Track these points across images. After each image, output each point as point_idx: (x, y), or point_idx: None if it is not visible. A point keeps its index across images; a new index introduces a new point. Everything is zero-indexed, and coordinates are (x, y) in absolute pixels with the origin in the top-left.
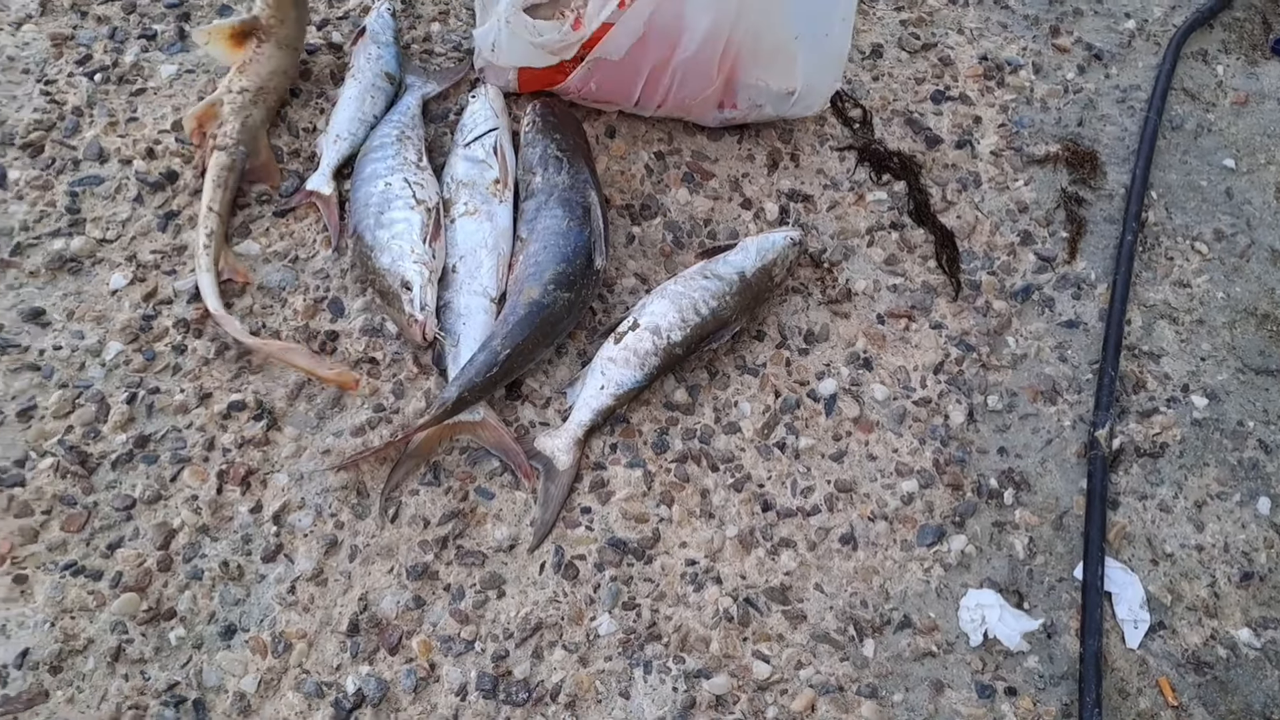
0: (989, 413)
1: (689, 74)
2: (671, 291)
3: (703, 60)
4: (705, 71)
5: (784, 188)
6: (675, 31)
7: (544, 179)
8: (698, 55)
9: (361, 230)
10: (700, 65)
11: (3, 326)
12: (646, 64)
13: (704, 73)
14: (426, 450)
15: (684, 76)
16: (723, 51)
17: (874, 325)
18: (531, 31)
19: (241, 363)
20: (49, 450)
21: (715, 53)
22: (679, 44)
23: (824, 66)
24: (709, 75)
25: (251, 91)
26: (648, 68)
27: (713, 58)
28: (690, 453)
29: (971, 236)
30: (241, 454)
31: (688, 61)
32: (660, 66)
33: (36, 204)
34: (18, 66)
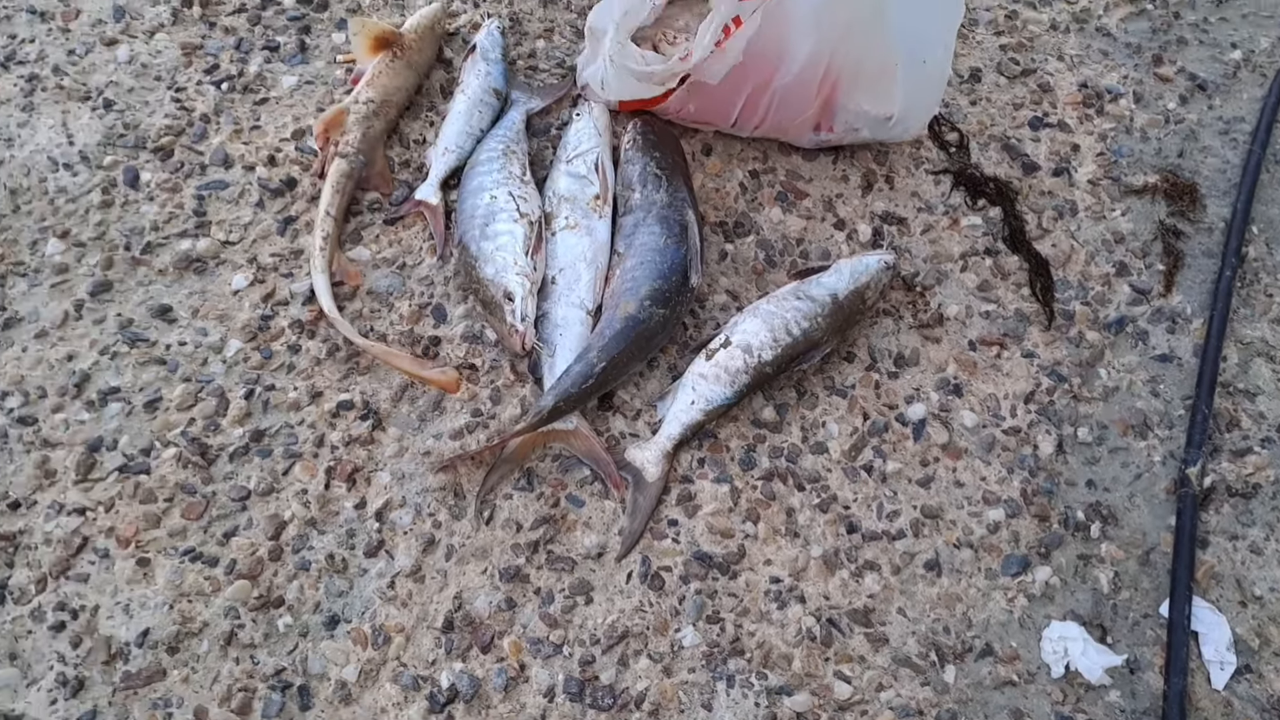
0: (1078, 445)
1: (787, 98)
2: (764, 311)
3: (802, 84)
4: (804, 95)
5: (878, 209)
6: (775, 56)
7: (643, 196)
8: (797, 80)
9: (467, 241)
10: (799, 89)
11: (133, 321)
12: (745, 88)
13: (803, 96)
14: (521, 456)
15: (782, 100)
16: (823, 76)
17: (965, 351)
18: (639, 61)
19: (350, 363)
20: (172, 441)
21: (815, 77)
22: (779, 69)
23: (923, 92)
24: (807, 99)
25: (376, 103)
26: (746, 91)
27: (812, 82)
28: (777, 471)
29: (1066, 265)
30: (348, 451)
31: (787, 86)
32: (759, 90)
33: (166, 205)
34: (151, 73)
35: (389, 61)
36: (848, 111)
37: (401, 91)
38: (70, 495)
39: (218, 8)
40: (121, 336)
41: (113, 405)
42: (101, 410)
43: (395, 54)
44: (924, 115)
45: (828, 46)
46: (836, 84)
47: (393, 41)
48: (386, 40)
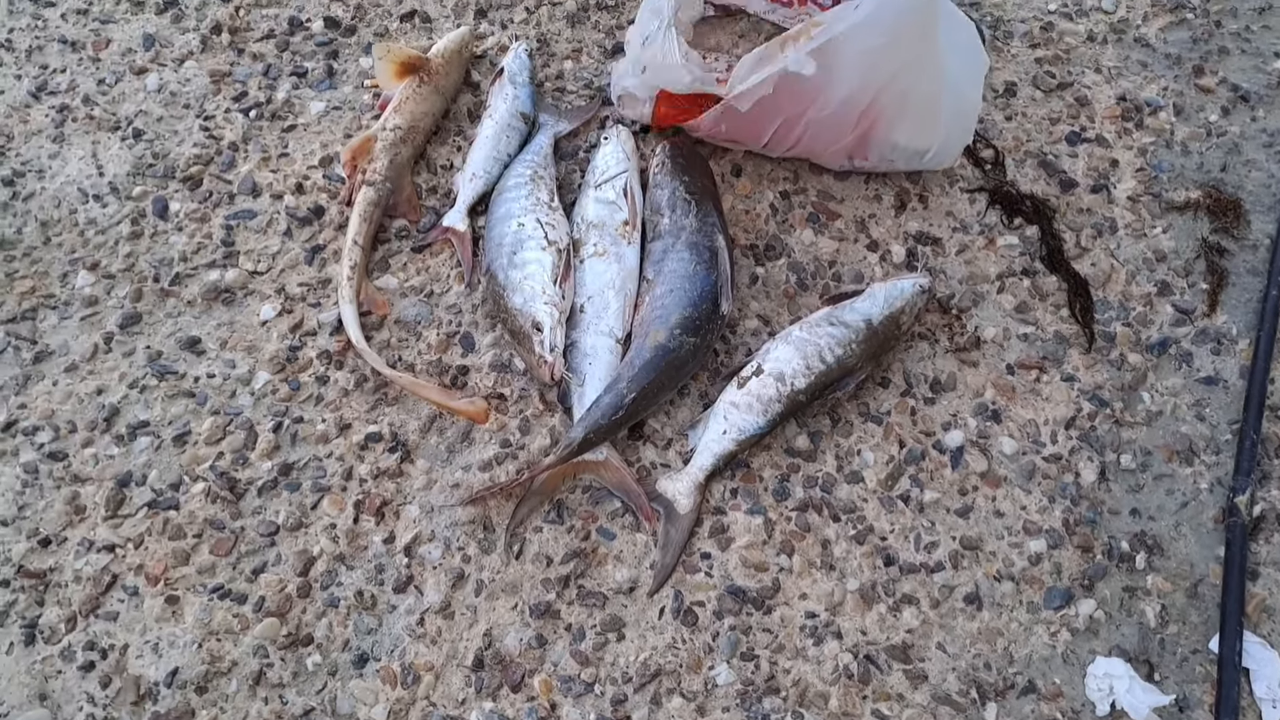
0: (1122, 472)
1: (822, 129)
2: (796, 338)
3: (839, 119)
4: (840, 128)
5: (911, 230)
6: (813, 91)
7: (672, 221)
8: (834, 114)
9: (495, 269)
10: (836, 122)
11: (162, 354)
12: (778, 117)
13: (838, 129)
14: (551, 488)
15: (816, 132)
16: (862, 112)
17: (1003, 375)
18: (680, 53)
19: (379, 394)
20: (201, 475)
21: (854, 112)
22: (815, 102)
23: (959, 123)
24: (843, 131)
25: (403, 129)
26: (779, 120)
27: (850, 116)
28: (811, 501)
29: (1106, 285)
30: (377, 485)
31: (822, 119)
32: (792, 119)
33: (195, 235)
34: (179, 101)
35: (416, 87)
36: (885, 145)
37: (429, 117)
38: (100, 531)
39: (246, 34)
40: (150, 369)
41: (142, 439)
42: (131, 444)
43: (422, 79)
44: (958, 146)
45: (873, 87)
46: (877, 120)
47: (419, 67)
48: (413, 65)
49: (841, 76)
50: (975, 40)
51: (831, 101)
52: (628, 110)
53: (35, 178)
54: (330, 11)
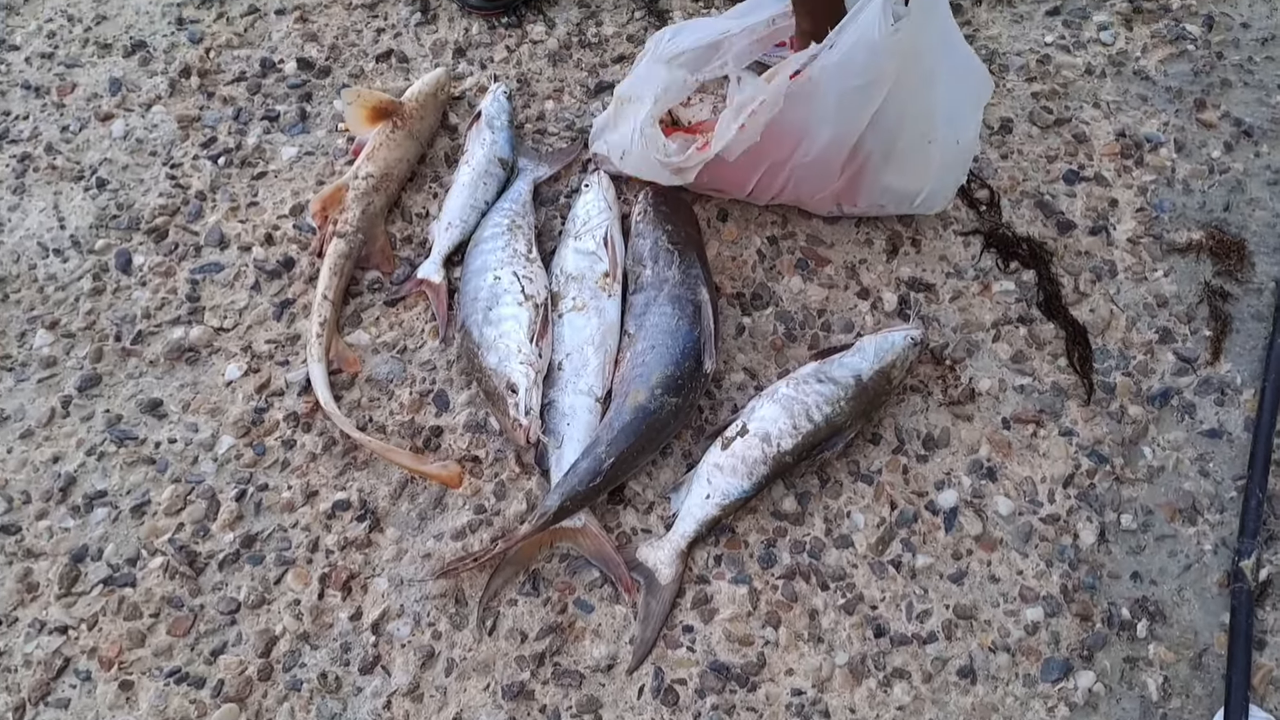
0: (1122, 532)
1: (808, 175)
2: (782, 396)
3: (823, 164)
4: (825, 174)
5: (904, 275)
6: (796, 136)
7: (654, 272)
8: (818, 159)
9: (469, 325)
10: (820, 168)
11: (122, 418)
12: (762, 164)
13: (824, 175)
14: (526, 557)
15: (801, 178)
16: (847, 157)
17: (999, 430)
18: (661, 150)
19: (348, 458)
20: (160, 549)
21: (838, 157)
22: (798, 147)
23: (952, 167)
24: (829, 177)
25: (376, 178)
26: (763, 167)
27: (834, 161)
28: (799, 568)
29: (1105, 333)
30: (344, 556)
31: (807, 164)
32: (776, 166)
33: (159, 291)
34: (146, 149)
35: (389, 133)
36: (873, 190)
37: (403, 164)
38: (52, 611)
39: (216, 77)
40: (109, 435)
41: (99, 510)
42: (87, 516)
43: (395, 124)
44: (951, 189)
45: (854, 129)
46: (864, 165)
47: (392, 111)
48: (385, 110)
49: (822, 120)
50: (974, 63)
51: (814, 147)
52: (605, 166)
53: None
54: (304, 52)
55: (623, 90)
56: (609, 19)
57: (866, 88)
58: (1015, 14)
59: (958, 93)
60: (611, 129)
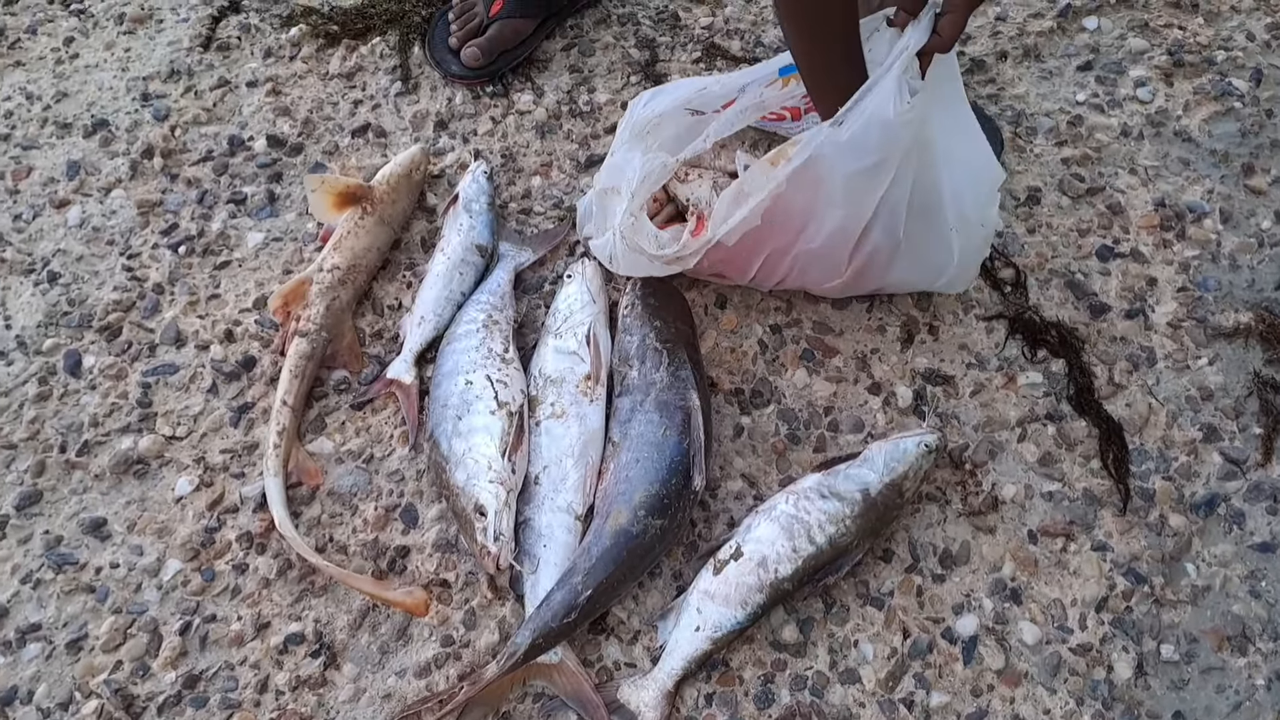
0: (1162, 664)
1: (812, 263)
2: (781, 514)
3: (830, 251)
4: (832, 262)
5: (920, 366)
6: (800, 220)
7: (640, 374)
8: (825, 246)
9: (438, 436)
10: (827, 255)
11: (62, 539)
12: (764, 249)
13: (831, 263)
14: (495, 698)
15: (806, 264)
16: (855, 245)
17: (1024, 545)
18: (652, 242)
19: (304, 583)
20: (95, 691)
21: (847, 245)
22: (803, 232)
23: (974, 248)
24: (836, 267)
25: (343, 269)
26: (765, 253)
27: (842, 250)
28: (799, 709)
29: (1144, 431)
30: (296, 698)
31: (813, 251)
32: (779, 253)
33: (109, 395)
34: (103, 238)
35: (358, 220)
36: (888, 282)
37: (372, 253)
38: None
39: (181, 157)
40: (48, 560)
41: (32, 646)
42: (19, 653)
43: (365, 210)
44: (973, 270)
45: (863, 213)
46: (874, 254)
47: (361, 196)
48: (353, 195)
49: (829, 203)
50: (984, 149)
51: (820, 233)
52: (597, 253)
53: None
54: (275, 128)
55: (601, 180)
56: (602, 85)
57: (876, 169)
58: (1044, 69)
59: (970, 176)
60: (597, 228)
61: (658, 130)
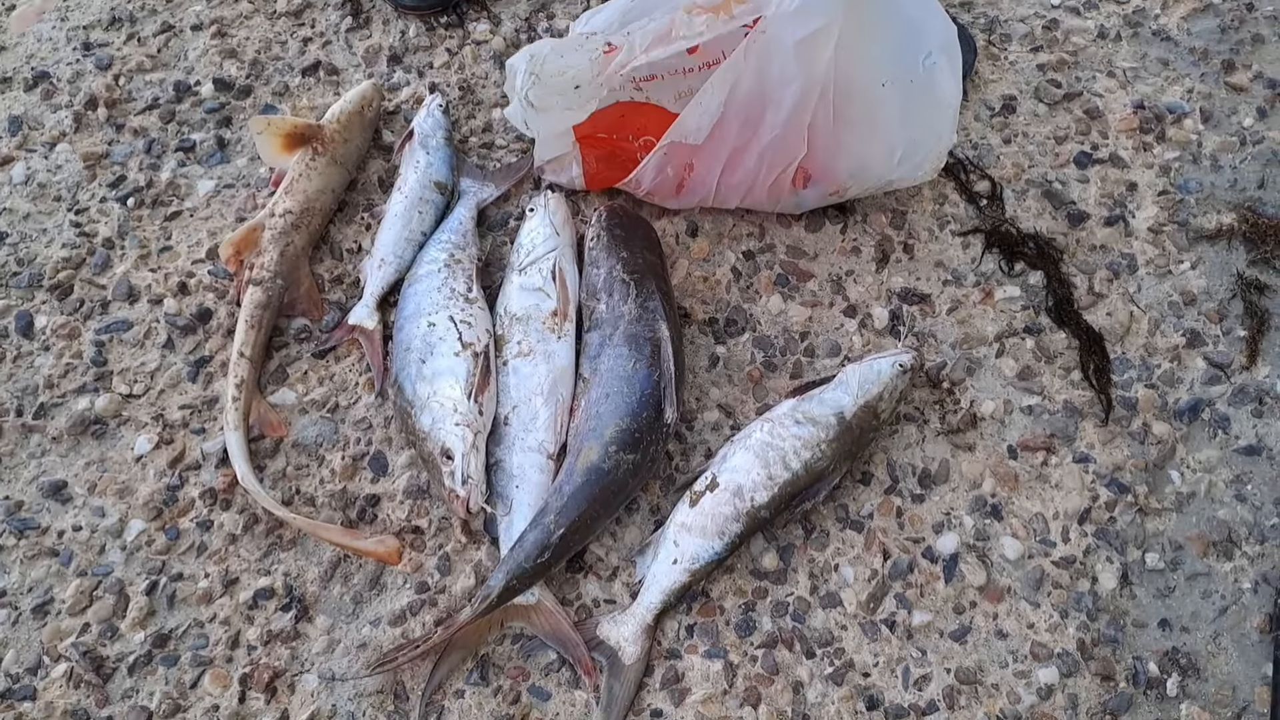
0: (1147, 573)
1: (776, 154)
2: (756, 442)
3: (789, 136)
4: (791, 145)
5: (895, 286)
6: (760, 105)
7: (609, 307)
8: (783, 133)
9: (402, 380)
10: (786, 140)
11: (23, 504)
12: (725, 148)
13: (790, 146)
14: (473, 642)
15: (772, 159)
16: (811, 117)
17: (1004, 460)
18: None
19: (272, 538)
20: (63, 654)
21: (804, 119)
22: (763, 121)
23: (927, 117)
24: (795, 148)
25: (295, 213)
26: (726, 152)
27: (799, 128)
28: (781, 634)
29: (1125, 339)
30: (268, 652)
31: (774, 141)
32: (740, 150)
33: (63, 355)
34: (49, 194)
35: (309, 161)
36: (839, 153)
37: (327, 194)
38: None
39: (126, 106)
40: (9, 525)
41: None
42: None
43: (315, 150)
44: (936, 148)
45: (815, 83)
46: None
47: (310, 136)
48: (302, 136)
49: (782, 81)
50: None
51: (779, 117)
52: (554, 176)
53: None
54: (222, 71)
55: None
56: (562, 10)
57: (821, 32)
58: None
59: (907, 30)
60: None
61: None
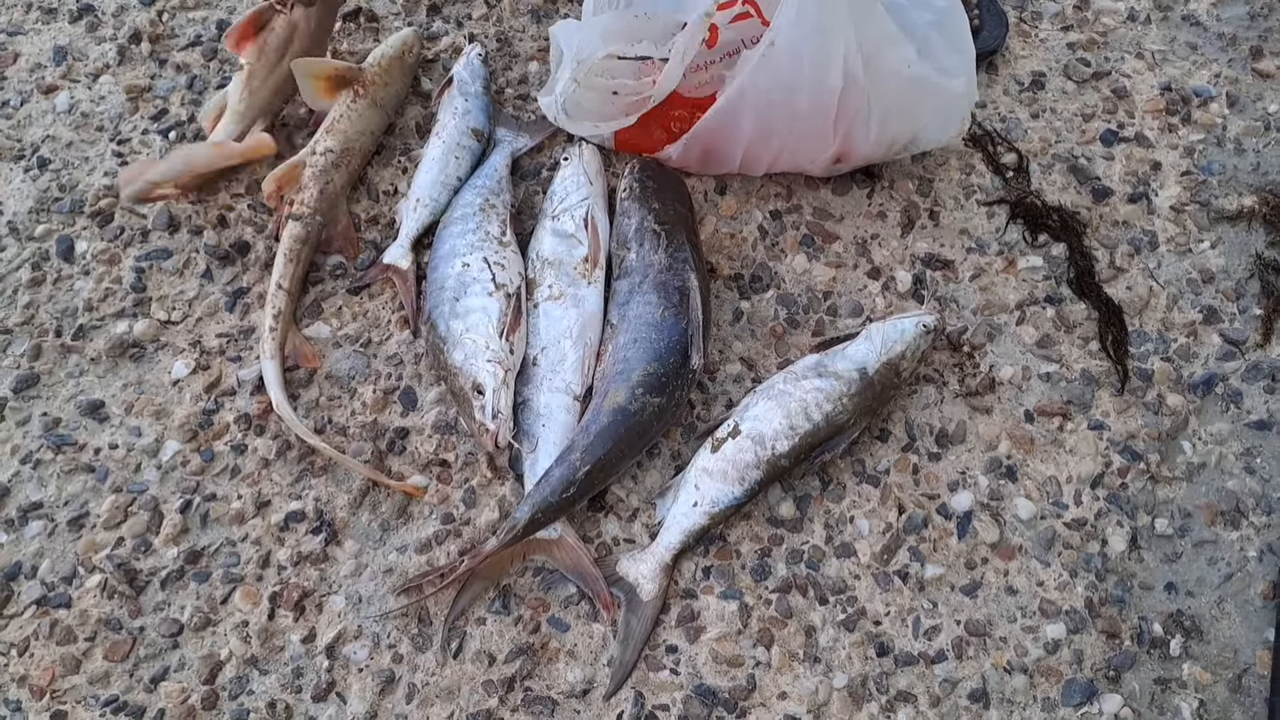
0: (1156, 538)
1: (802, 142)
2: (779, 392)
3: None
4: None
5: (920, 251)
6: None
7: (639, 256)
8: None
9: (435, 318)
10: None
11: (61, 421)
12: (753, 140)
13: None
14: (496, 572)
15: (804, 131)
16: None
17: (1020, 424)
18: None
19: (304, 464)
20: (98, 565)
21: (828, 121)
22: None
23: (946, 84)
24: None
25: (336, 153)
26: (753, 142)
27: (826, 128)
28: (795, 580)
29: (1143, 313)
30: (297, 572)
31: (803, 134)
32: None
33: (103, 280)
34: (92, 123)
35: (350, 103)
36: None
37: (366, 136)
38: None
39: (169, 42)
40: (47, 440)
41: (34, 524)
42: (21, 530)
43: (357, 93)
44: (956, 112)
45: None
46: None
47: (352, 79)
48: (344, 79)
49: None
50: None
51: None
52: (569, 129)
53: None
54: None
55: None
56: None
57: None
58: None
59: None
60: (548, 86)
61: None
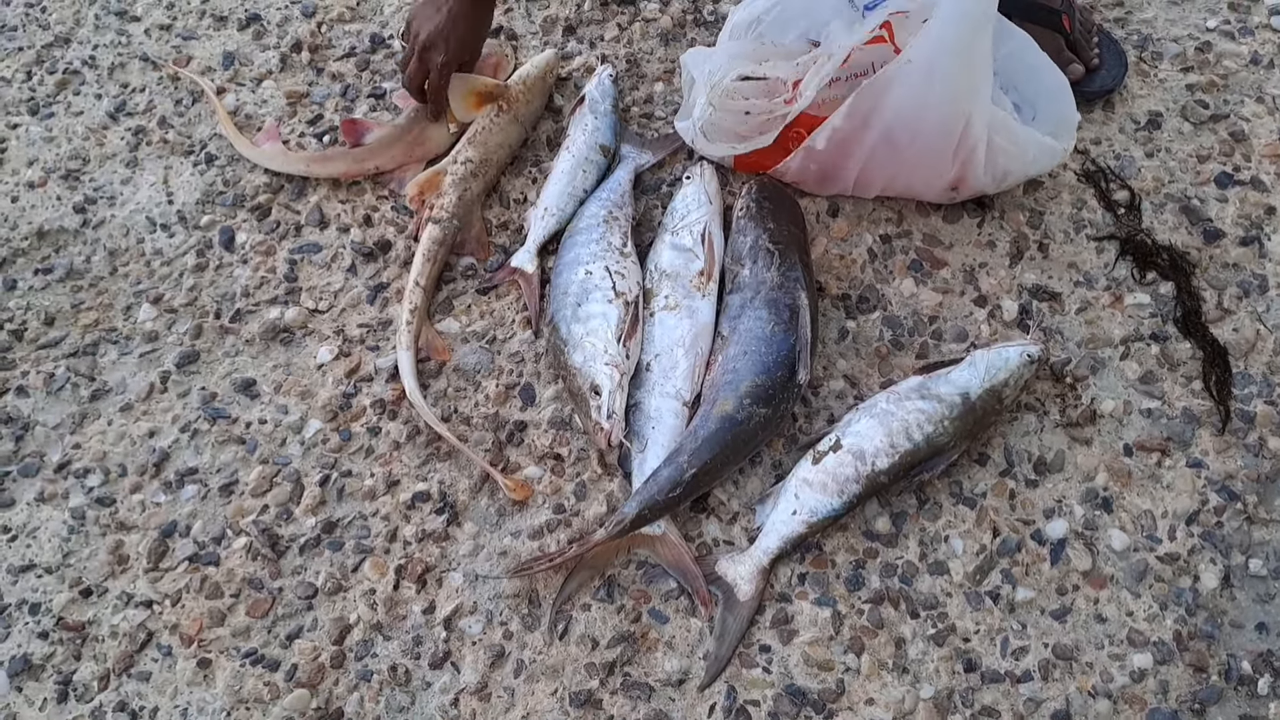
0: (1249, 578)
1: (919, 165)
2: (882, 410)
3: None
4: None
5: (1027, 282)
6: (912, 101)
7: (752, 273)
8: (936, 128)
9: (558, 320)
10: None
11: (217, 395)
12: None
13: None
14: (602, 562)
15: (922, 149)
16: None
17: (1119, 457)
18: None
19: (431, 449)
20: (244, 529)
21: (948, 150)
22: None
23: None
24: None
25: (475, 163)
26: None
27: (946, 157)
28: (888, 593)
29: (1249, 355)
30: (421, 548)
31: (926, 131)
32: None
33: (259, 269)
34: (255, 125)
35: (494, 117)
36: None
37: (504, 149)
38: (139, 585)
39: (327, 52)
40: (204, 412)
41: (189, 487)
42: (178, 493)
43: (500, 108)
44: (1064, 130)
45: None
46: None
47: (498, 96)
48: (491, 95)
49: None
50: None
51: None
52: (706, 152)
53: (106, 204)
54: None
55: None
56: None
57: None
58: None
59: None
60: (683, 111)
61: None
